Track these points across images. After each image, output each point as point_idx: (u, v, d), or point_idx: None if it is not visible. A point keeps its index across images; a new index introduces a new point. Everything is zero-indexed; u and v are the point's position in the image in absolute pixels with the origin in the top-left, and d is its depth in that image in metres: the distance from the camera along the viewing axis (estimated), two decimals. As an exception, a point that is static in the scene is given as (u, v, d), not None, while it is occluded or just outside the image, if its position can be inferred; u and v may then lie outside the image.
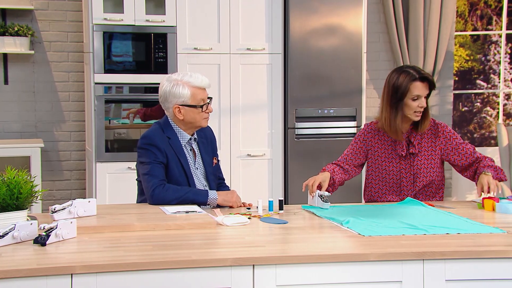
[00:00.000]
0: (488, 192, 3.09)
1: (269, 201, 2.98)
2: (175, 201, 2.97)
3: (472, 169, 3.30)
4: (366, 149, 3.36)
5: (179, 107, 3.10)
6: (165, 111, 3.18)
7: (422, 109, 3.23)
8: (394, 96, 3.24)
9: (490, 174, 3.16)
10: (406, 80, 3.23)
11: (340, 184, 3.26)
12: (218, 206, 3.04)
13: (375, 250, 2.30)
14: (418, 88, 3.22)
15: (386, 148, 3.32)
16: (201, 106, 3.10)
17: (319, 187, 3.13)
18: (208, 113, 3.14)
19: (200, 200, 3.00)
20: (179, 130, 3.16)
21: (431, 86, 3.26)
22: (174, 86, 3.09)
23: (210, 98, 3.17)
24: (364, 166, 3.45)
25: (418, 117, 3.25)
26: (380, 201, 3.34)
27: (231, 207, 3.05)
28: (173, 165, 3.09)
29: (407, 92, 3.22)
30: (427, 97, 3.26)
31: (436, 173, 3.31)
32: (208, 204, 3.03)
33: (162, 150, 3.07)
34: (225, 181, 3.46)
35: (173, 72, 5.01)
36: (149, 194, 3.00)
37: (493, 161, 3.29)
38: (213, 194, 3.02)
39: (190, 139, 3.19)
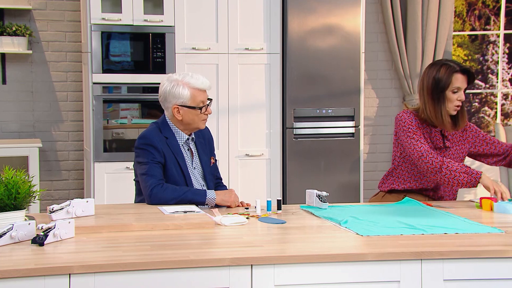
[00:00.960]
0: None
1: (267, 201, 2.98)
2: (173, 201, 2.97)
3: (507, 157, 3.35)
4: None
5: (178, 108, 3.10)
6: (164, 110, 3.19)
7: (460, 103, 3.24)
8: (436, 89, 3.23)
9: None
10: (447, 72, 3.23)
11: None
12: (217, 205, 3.04)
13: (373, 250, 2.30)
14: (459, 80, 3.23)
15: (425, 137, 3.31)
16: (200, 108, 3.10)
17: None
18: (207, 115, 3.14)
19: (199, 200, 3.00)
20: (176, 130, 3.16)
21: (470, 79, 3.27)
22: (175, 86, 3.10)
23: (210, 100, 3.17)
24: (397, 151, 3.40)
25: (456, 111, 3.26)
26: (401, 188, 3.36)
27: (229, 206, 3.05)
28: (171, 165, 3.09)
29: (449, 84, 3.22)
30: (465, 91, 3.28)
31: None
32: (207, 204, 3.03)
33: (159, 150, 3.07)
34: (223, 181, 3.46)
35: (172, 72, 5.02)
36: (147, 194, 3.00)
37: None
38: (211, 194, 3.02)
39: (188, 139, 3.19)
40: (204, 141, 3.28)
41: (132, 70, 5.00)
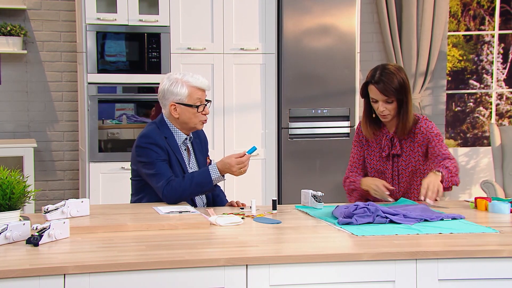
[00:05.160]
0: (425, 199, 2.91)
1: (250, 148, 3.00)
2: (185, 197, 2.98)
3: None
4: (363, 150, 3.30)
5: (175, 105, 3.10)
6: (162, 108, 3.19)
7: (382, 114, 3.10)
8: (362, 94, 3.18)
9: (439, 174, 2.97)
10: (366, 79, 3.14)
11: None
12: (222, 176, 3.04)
13: (368, 250, 2.30)
14: (372, 91, 3.10)
15: (374, 147, 3.26)
16: (197, 107, 3.10)
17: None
18: (205, 115, 3.13)
19: (207, 188, 3.01)
20: (175, 130, 3.15)
21: (393, 92, 3.04)
22: (173, 84, 3.10)
23: (208, 101, 3.17)
24: None
25: (384, 119, 3.14)
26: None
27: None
28: (173, 164, 3.09)
29: (366, 94, 3.13)
30: (400, 104, 3.07)
31: (421, 176, 3.20)
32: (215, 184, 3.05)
33: (163, 148, 3.07)
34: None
35: (167, 72, 5.02)
36: (161, 196, 3.02)
37: (455, 163, 3.09)
38: (214, 173, 3.00)
39: (186, 138, 3.18)
40: (200, 141, 3.29)
41: (127, 70, 4.99)
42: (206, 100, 3.16)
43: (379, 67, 3.12)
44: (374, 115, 3.19)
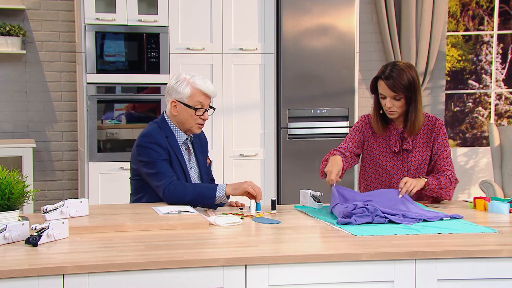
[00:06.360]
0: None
1: (256, 203, 2.95)
2: (185, 202, 2.96)
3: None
4: (363, 140, 3.27)
5: (175, 103, 3.11)
6: (166, 107, 3.20)
7: (390, 110, 3.12)
8: (371, 90, 3.20)
9: (424, 180, 3.05)
10: (374, 77, 3.17)
11: (343, 173, 3.16)
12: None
13: (367, 250, 2.30)
14: (381, 86, 3.12)
15: (380, 142, 3.24)
16: (196, 109, 3.09)
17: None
18: (203, 119, 3.13)
19: (208, 202, 2.97)
20: (176, 129, 3.16)
21: (401, 89, 3.07)
22: (179, 82, 3.12)
23: (212, 108, 3.17)
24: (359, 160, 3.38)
25: (391, 116, 3.15)
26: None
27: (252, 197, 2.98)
28: (173, 163, 3.09)
29: (376, 89, 3.16)
30: (408, 101, 3.10)
31: (423, 173, 3.23)
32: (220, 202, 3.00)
33: (164, 147, 3.07)
34: (218, 181, 3.46)
35: (166, 72, 5.02)
36: (161, 195, 3.01)
37: (450, 182, 3.14)
38: (220, 192, 2.97)
39: (187, 138, 3.19)
40: (200, 142, 3.29)
41: (126, 70, 4.99)
42: (210, 107, 3.16)
43: (390, 63, 3.17)
44: (381, 111, 3.20)
